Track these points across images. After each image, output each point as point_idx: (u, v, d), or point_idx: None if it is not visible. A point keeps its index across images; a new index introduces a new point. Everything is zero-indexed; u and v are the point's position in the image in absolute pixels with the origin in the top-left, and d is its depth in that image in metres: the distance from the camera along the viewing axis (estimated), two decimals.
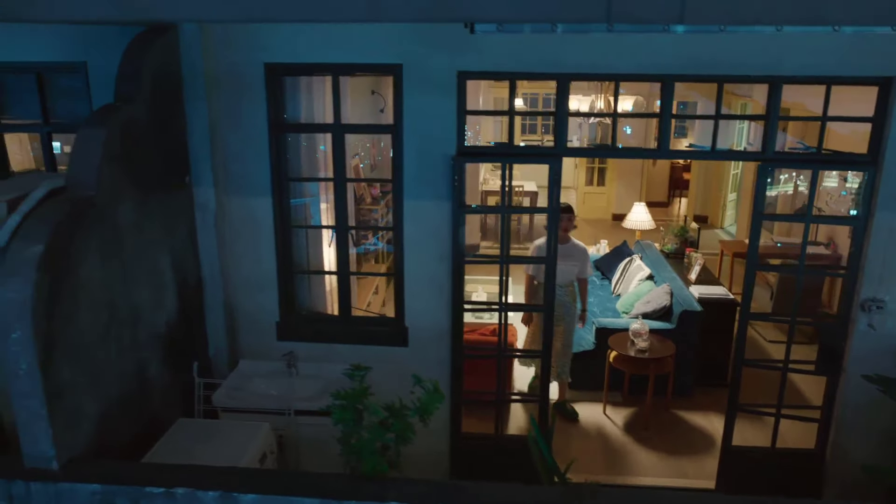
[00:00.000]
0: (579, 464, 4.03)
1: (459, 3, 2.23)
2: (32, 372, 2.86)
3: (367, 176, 6.93)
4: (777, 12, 2.10)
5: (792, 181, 8.70)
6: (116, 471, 3.01)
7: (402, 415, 3.06)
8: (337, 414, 2.96)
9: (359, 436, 3.00)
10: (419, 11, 2.26)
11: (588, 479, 4.71)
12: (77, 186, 3.19)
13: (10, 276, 2.81)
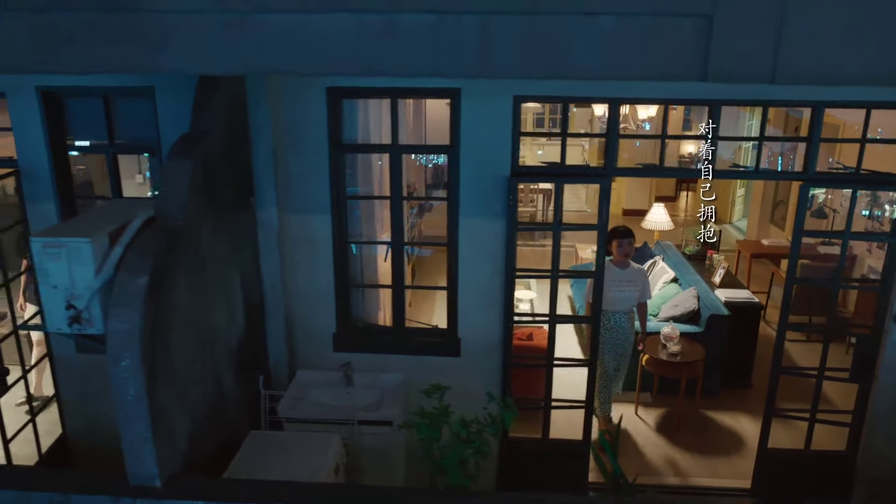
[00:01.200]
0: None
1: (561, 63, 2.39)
2: (139, 397, 3.03)
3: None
4: (861, 74, 2.27)
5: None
6: (217, 487, 3.19)
7: (481, 431, 3.26)
8: (423, 431, 3.15)
9: (441, 452, 3.20)
10: (524, 69, 2.42)
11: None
12: (166, 216, 3.34)
13: (119, 307, 2.96)
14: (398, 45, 2.35)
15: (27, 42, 2.42)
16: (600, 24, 2.32)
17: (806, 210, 4.33)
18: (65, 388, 4.87)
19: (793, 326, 4.64)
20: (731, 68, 2.32)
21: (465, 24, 2.33)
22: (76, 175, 4.84)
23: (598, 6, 2.29)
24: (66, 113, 4.34)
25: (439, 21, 2.33)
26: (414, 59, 2.38)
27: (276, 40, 2.38)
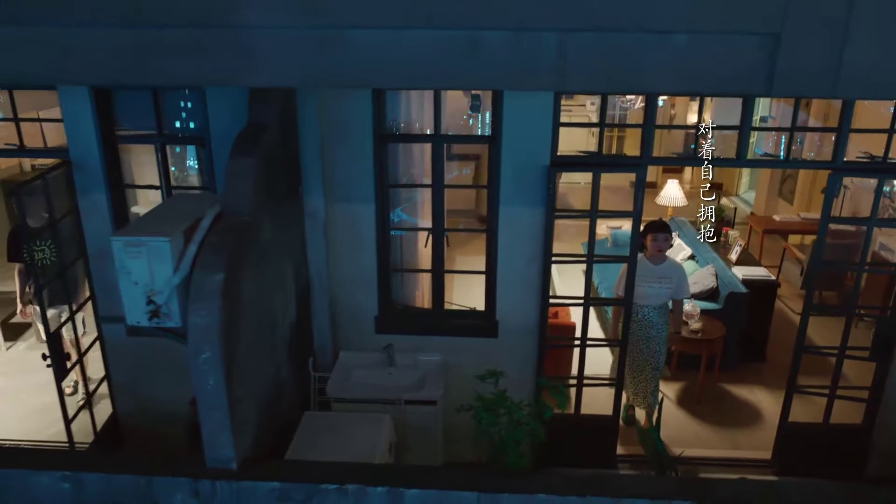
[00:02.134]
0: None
1: (635, 79, 2.52)
2: (218, 387, 3.21)
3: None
4: None
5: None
6: (289, 469, 3.39)
7: (538, 414, 3.46)
8: (484, 416, 3.35)
9: (499, 434, 3.41)
10: (599, 84, 2.56)
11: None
12: (234, 212, 3.48)
13: (198, 303, 3.12)
14: (481, 60, 2.48)
15: (127, 56, 2.52)
16: (674, 42, 2.45)
17: (833, 198, 4.49)
18: (115, 370, 5.04)
19: (816, 308, 4.82)
20: (795, 83, 2.46)
21: (543, 40, 2.46)
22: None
23: (672, 24, 2.42)
24: (115, 104, 4.43)
25: (519, 38, 2.45)
26: (495, 74, 2.51)
27: (365, 56, 2.49)
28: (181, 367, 4.69)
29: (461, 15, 2.43)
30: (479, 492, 3.26)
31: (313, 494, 3.28)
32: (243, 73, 2.56)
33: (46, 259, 4.93)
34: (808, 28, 2.38)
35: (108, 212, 4.58)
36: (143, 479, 3.32)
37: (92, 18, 2.51)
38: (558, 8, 2.41)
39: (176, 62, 2.56)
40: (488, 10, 2.42)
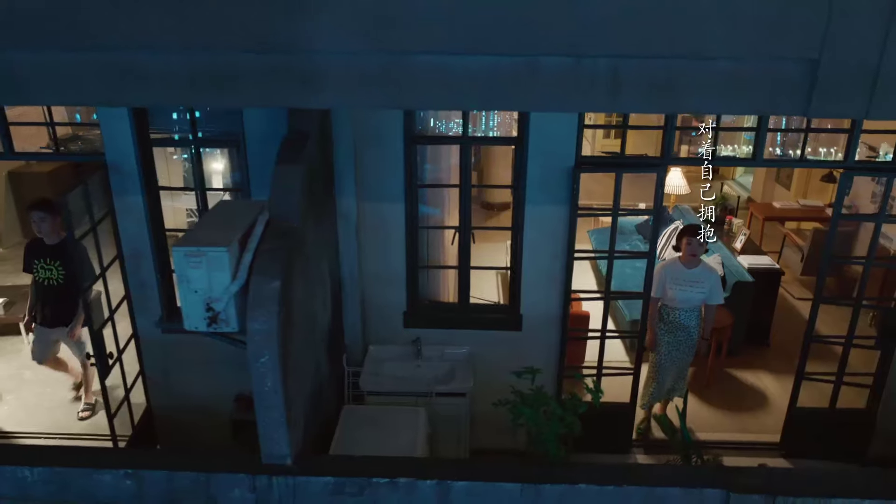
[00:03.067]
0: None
1: (682, 101, 2.68)
2: (276, 388, 3.37)
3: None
4: None
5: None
6: (342, 464, 3.57)
7: (574, 409, 3.67)
8: (527, 414, 3.55)
9: (539, 429, 3.61)
10: (649, 105, 2.71)
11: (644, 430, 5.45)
12: (282, 218, 3.62)
13: (257, 309, 3.27)
14: (539, 84, 2.62)
15: (202, 81, 2.63)
16: (718, 67, 2.60)
17: (844, 196, 4.70)
18: (149, 365, 5.19)
19: (825, 299, 5.04)
20: (830, 106, 2.62)
21: (598, 66, 2.60)
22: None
23: (717, 52, 2.57)
24: (151, 108, 4.52)
25: (576, 63, 2.59)
26: (552, 97, 2.65)
27: (425, 80, 2.62)
28: (212, 363, 4.91)
29: (522, 42, 2.57)
30: (522, 483, 3.45)
31: (365, 488, 3.46)
32: (311, 95, 2.68)
33: (53, 280, 5.25)
34: (844, 55, 2.54)
35: (144, 213, 4.69)
36: (202, 476, 3.48)
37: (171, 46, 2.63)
38: (613, 36, 2.55)
39: (248, 86, 2.68)
40: (547, 38, 2.55)
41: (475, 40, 2.56)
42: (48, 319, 5.42)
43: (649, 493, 3.39)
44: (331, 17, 2.54)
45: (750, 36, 2.54)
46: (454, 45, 2.57)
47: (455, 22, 2.55)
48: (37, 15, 2.60)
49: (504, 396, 4.23)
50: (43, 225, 5.13)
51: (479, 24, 2.55)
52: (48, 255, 5.21)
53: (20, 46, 2.67)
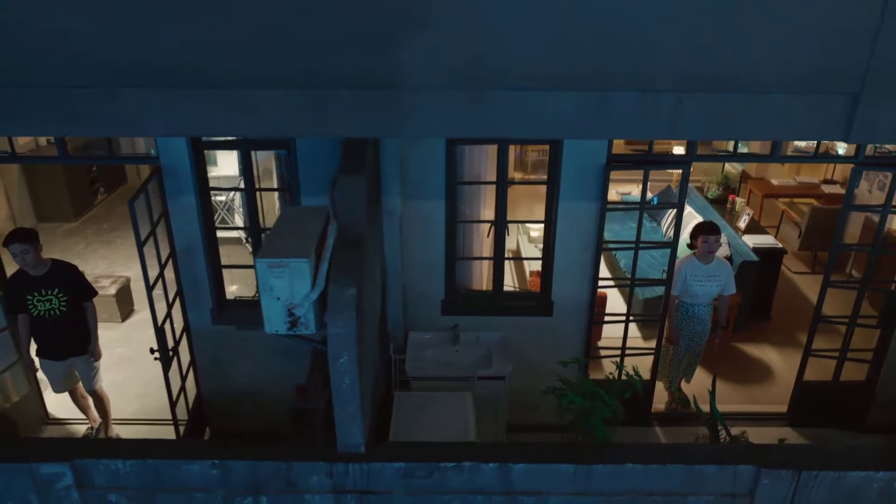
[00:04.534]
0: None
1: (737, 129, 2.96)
2: (353, 385, 3.68)
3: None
4: None
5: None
6: (412, 450, 3.91)
7: (619, 394, 4.03)
8: (577, 400, 3.90)
9: (587, 414, 3.97)
10: (707, 134, 3.00)
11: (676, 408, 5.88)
12: (349, 227, 3.89)
13: (336, 315, 3.55)
14: (609, 116, 2.88)
15: (301, 114, 2.87)
16: (770, 100, 2.89)
17: (854, 189, 5.05)
18: (199, 355, 5.47)
19: (833, 283, 5.43)
20: (869, 134, 2.93)
21: (663, 100, 2.88)
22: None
23: (772, 87, 2.86)
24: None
25: (643, 97, 2.87)
26: (621, 127, 2.92)
27: (509, 113, 2.87)
28: (257, 352, 5.24)
29: (595, 79, 2.83)
30: (575, 464, 3.82)
31: (434, 471, 3.81)
32: (401, 126, 2.92)
33: (55, 310, 4.92)
34: (883, 90, 2.85)
35: (196, 212, 4.91)
36: (283, 464, 3.80)
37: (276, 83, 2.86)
38: (677, 73, 2.82)
39: (344, 118, 2.91)
40: (618, 76, 2.82)
41: (554, 78, 2.82)
42: (58, 352, 5.13)
43: (689, 471, 3.78)
44: (424, 57, 2.78)
45: (801, 73, 2.83)
46: (535, 82, 2.83)
47: (536, 62, 2.80)
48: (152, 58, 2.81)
49: (546, 381, 4.60)
50: (27, 257, 4.77)
51: (558, 64, 2.81)
52: (42, 286, 4.88)
53: (134, 85, 2.87)
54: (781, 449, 3.94)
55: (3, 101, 2.92)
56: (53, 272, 4.92)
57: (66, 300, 4.93)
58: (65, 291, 4.91)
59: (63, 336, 5.05)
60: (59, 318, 4.96)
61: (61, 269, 4.93)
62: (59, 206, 9.63)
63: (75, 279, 4.91)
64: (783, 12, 2.74)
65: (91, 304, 5.06)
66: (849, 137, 2.99)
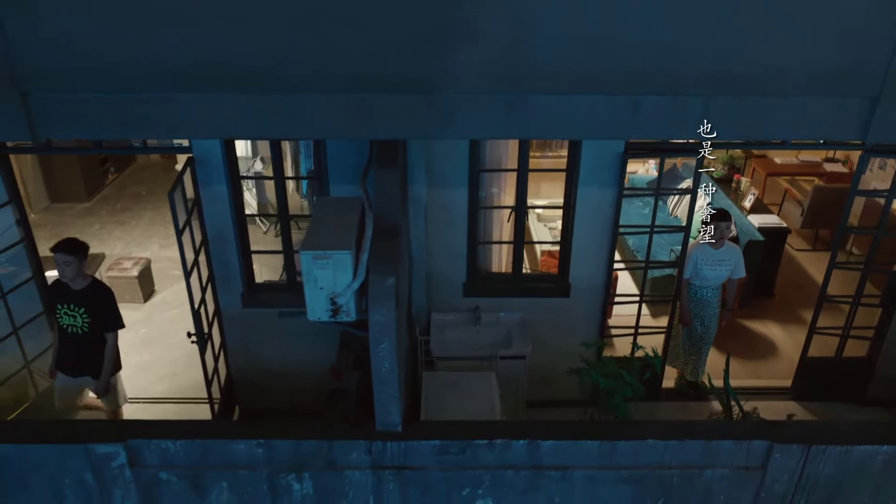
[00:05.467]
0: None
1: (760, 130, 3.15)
2: (392, 368, 3.90)
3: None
4: None
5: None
6: (446, 429, 4.14)
7: (639, 373, 4.26)
8: (602, 381, 4.13)
9: (608, 393, 4.21)
10: (732, 135, 3.18)
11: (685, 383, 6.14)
12: (385, 218, 4.07)
13: (377, 303, 3.75)
14: (641, 118, 3.05)
15: (343, 117, 3.03)
16: (793, 104, 3.07)
17: (861, 175, 5.24)
18: (230, 337, 5.68)
19: (839, 265, 5.64)
20: (885, 134, 3.12)
21: (690, 104, 3.05)
22: None
23: (794, 90, 3.03)
24: None
25: (673, 101, 3.04)
26: (651, 128, 3.09)
27: (545, 115, 3.04)
28: (284, 334, 5.45)
29: (627, 84, 3.00)
30: (599, 440, 4.06)
31: (467, 448, 4.05)
32: (441, 129, 3.09)
33: (77, 328, 4.83)
34: None
35: (228, 201, 5.08)
36: (325, 443, 4.03)
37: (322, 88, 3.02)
38: (706, 79, 2.99)
39: (387, 122, 3.07)
40: (649, 81, 2.99)
41: (588, 83, 2.98)
42: (72, 368, 5.03)
43: (706, 446, 4.02)
44: (466, 65, 2.94)
45: (822, 77, 3.01)
46: (570, 86, 2.99)
47: (571, 68, 2.97)
48: (204, 65, 2.95)
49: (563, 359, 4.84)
50: (67, 269, 4.67)
51: (592, 69, 2.97)
52: (72, 300, 4.79)
53: (185, 90, 3.02)
54: (792, 425, 4.19)
55: (64, 107, 3.07)
56: (88, 291, 4.81)
57: (89, 322, 4.81)
58: (91, 314, 4.80)
59: (79, 354, 4.96)
60: (80, 337, 4.85)
61: (96, 291, 4.82)
62: (71, 186, 9.75)
63: (106, 306, 4.81)
64: (805, 20, 2.91)
65: (113, 336, 4.93)
66: (867, 137, 3.18)
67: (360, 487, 4.11)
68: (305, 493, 4.13)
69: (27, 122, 3.03)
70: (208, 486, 4.08)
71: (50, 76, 2.92)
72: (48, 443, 3.85)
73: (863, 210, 7.69)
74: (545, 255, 7.03)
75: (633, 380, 4.27)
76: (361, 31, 2.90)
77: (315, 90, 3.01)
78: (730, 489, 4.03)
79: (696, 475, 4.02)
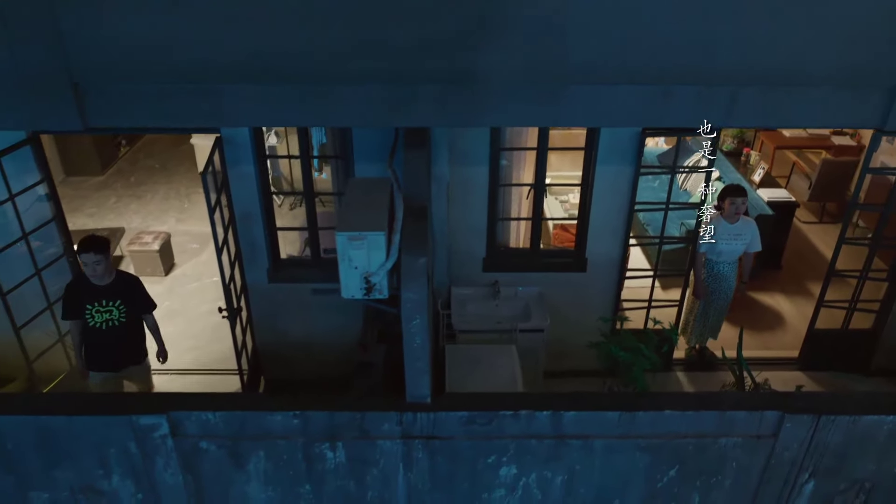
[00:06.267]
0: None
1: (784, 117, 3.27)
2: (424, 344, 4.07)
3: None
4: None
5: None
6: (473, 400, 4.34)
7: (656, 347, 4.45)
8: (622, 355, 4.31)
9: (627, 366, 4.40)
10: (756, 122, 3.30)
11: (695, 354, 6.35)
12: (414, 198, 4.21)
13: (410, 282, 3.90)
14: (672, 107, 3.18)
15: (381, 106, 3.15)
16: (817, 93, 3.20)
17: (874, 153, 5.36)
18: (256, 309, 5.85)
19: (848, 241, 5.80)
20: None
21: (719, 94, 3.18)
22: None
23: (817, 81, 3.16)
24: None
25: (702, 90, 3.16)
26: (679, 117, 3.22)
27: (581, 105, 3.17)
28: (307, 308, 5.63)
29: (658, 75, 3.13)
30: (619, 411, 4.26)
31: (493, 419, 4.24)
32: (478, 117, 3.21)
33: (114, 321, 4.82)
34: None
35: (255, 179, 5.20)
36: (358, 414, 4.23)
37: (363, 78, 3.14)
38: (732, 69, 3.12)
39: (424, 111, 3.20)
40: (679, 72, 3.12)
41: (621, 74, 3.11)
42: (115, 363, 5.04)
43: (721, 416, 4.22)
44: (504, 56, 3.06)
45: (844, 69, 3.13)
46: (604, 77, 3.11)
47: (606, 60, 3.08)
48: (249, 58, 3.07)
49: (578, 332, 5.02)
50: (98, 267, 4.65)
51: (626, 61, 3.09)
52: (104, 296, 4.76)
53: (235, 80, 3.14)
54: (803, 396, 4.39)
55: (114, 98, 3.19)
56: (118, 283, 4.81)
57: (125, 312, 4.84)
58: (126, 304, 4.83)
59: (121, 347, 4.98)
60: (119, 328, 4.85)
61: (125, 281, 4.85)
62: (86, 160, 9.83)
63: (137, 292, 4.87)
64: (829, 15, 3.03)
65: (152, 316, 5.03)
66: (885, 125, 3.31)
67: (390, 456, 4.31)
68: (338, 461, 4.33)
69: (78, 112, 3.15)
70: (246, 455, 4.27)
71: (101, 69, 3.04)
72: (95, 415, 4.03)
73: (870, 184, 7.81)
74: (557, 229, 7.18)
75: (651, 353, 4.45)
76: (403, 24, 3.01)
77: (357, 81, 3.12)
78: (742, 456, 4.23)
79: (711, 443, 4.22)
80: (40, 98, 3.07)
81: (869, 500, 4.29)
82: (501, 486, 4.29)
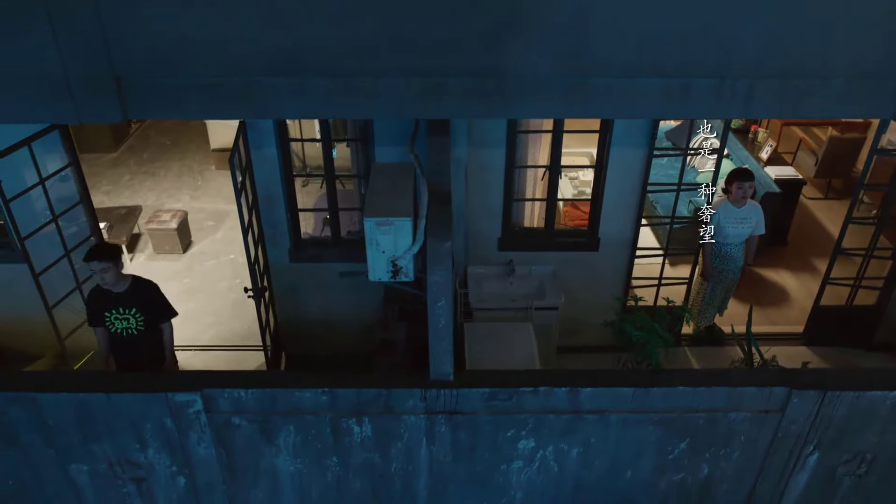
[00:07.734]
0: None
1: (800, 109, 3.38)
2: (448, 324, 4.24)
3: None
4: None
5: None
6: (494, 377, 4.52)
7: (670, 325, 4.61)
8: (636, 334, 4.48)
9: (641, 344, 4.57)
10: (774, 113, 3.43)
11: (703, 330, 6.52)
12: (438, 184, 4.34)
13: (435, 265, 4.05)
14: (691, 99, 3.29)
15: (416, 98, 3.26)
16: (832, 85, 3.31)
17: (882, 135, 5.47)
18: (278, 287, 6.01)
19: (856, 220, 5.93)
20: None
21: (738, 86, 3.29)
22: None
23: (835, 73, 3.27)
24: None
25: (720, 83, 3.28)
26: (699, 109, 3.34)
27: (603, 97, 3.29)
28: (326, 286, 5.79)
29: (678, 69, 3.23)
30: (634, 387, 4.45)
31: (513, 395, 4.43)
32: (506, 109, 3.34)
33: (132, 329, 4.78)
34: None
35: (278, 162, 5.33)
36: (384, 391, 4.41)
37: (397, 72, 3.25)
38: (751, 63, 3.23)
39: (455, 103, 3.31)
40: (699, 65, 3.23)
41: (644, 67, 3.22)
42: (139, 371, 4.99)
43: (731, 392, 4.41)
44: (531, 51, 3.16)
45: (859, 62, 3.24)
46: (627, 70, 3.22)
47: (629, 54, 3.19)
48: (291, 51, 3.17)
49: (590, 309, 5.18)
50: (106, 275, 4.56)
51: (647, 55, 3.20)
52: (119, 304, 4.71)
53: (273, 74, 3.25)
54: (810, 373, 4.57)
55: (155, 90, 3.30)
56: (133, 290, 4.72)
57: (143, 320, 4.75)
58: (143, 311, 4.74)
59: (138, 356, 4.89)
60: (136, 337, 4.79)
61: (141, 288, 4.75)
62: (99, 137, 9.91)
63: (155, 299, 4.79)
64: (844, 10, 3.13)
65: (169, 325, 4.92)
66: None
67: (414, 430, 4.50)
68: (365, 436, 4.52)
69: (120, 104, 3.26)
70: (276, 430, 4.46)
71: (142, 64, 3.15)
72: (133, 392, 4.21)
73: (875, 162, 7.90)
74: (567, 207, 7.31)
75: (664, 332, 4.62)
76: (437, 19, 3.11)
77: (393, 74, 3.24)
78: (750, 430, 4.43)
79: (721, 418, 4.42)
80: (83, 92, 3.18)
81: (870, 470, 4.50)
82: (520, 458, 4.49)
